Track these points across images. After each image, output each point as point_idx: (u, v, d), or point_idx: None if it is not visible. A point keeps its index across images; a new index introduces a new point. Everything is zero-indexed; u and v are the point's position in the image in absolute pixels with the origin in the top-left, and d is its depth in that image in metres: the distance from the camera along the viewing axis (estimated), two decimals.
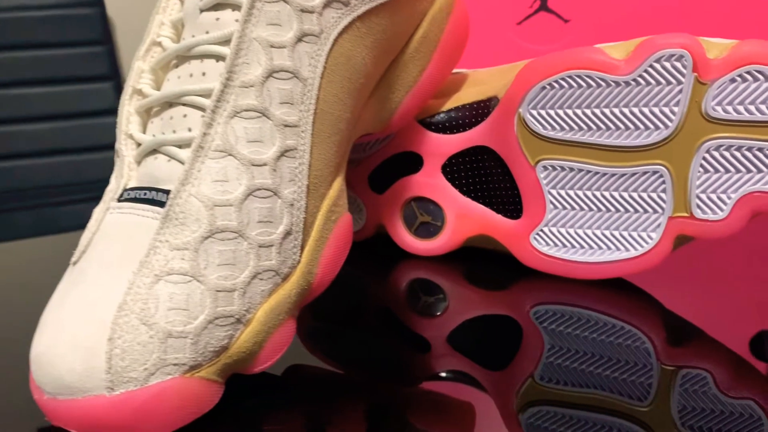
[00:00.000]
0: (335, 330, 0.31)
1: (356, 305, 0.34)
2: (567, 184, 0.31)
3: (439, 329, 0.30)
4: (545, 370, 0.27)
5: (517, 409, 0.24)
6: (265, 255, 0.23)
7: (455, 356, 0.28)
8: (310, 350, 0.29)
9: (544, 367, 0.27)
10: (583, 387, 0.25)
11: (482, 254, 0.36)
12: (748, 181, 0.28)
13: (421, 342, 0.29)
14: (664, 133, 0.28)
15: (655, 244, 0.30)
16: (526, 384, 0.26)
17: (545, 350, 0.28)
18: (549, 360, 0.27)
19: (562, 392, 0.25)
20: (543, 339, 0.29)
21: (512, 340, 0.29)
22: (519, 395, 0.25)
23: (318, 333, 0.31)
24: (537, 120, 0.31)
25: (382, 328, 0.31)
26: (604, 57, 0.28)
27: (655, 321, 0.31)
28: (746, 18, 0.48)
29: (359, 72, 0.26)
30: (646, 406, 0.24)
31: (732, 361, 0.27)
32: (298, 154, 0.24)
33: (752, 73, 0.26)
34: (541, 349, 0.28)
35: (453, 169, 0.34)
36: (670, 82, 0.28)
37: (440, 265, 0.36)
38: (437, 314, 0.32)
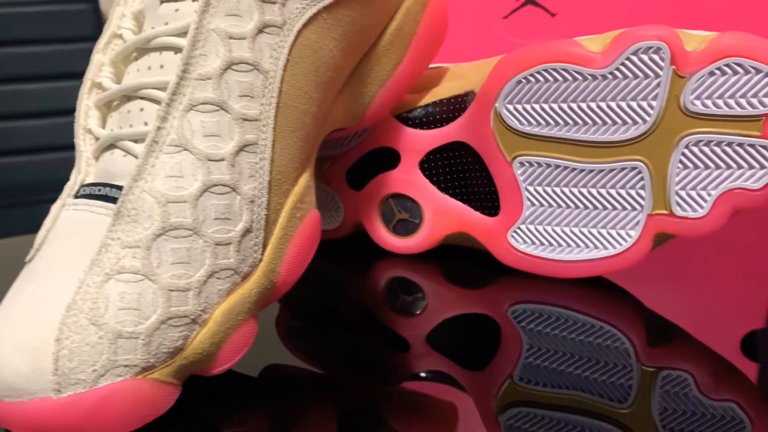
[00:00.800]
0: (314, 329, 0.31)
1: (335, 304, 0.33)
2: (544, 181, 0.30)
3: (418, 328, 0.30)
4: (524, 370, 0.26)
5: (496, 411, 0.24)
6: (223, 253, 0.22)
7: (434, 356, 0.27)
8: (288, 349, 0.29)
9: (523, 367, 0.26)
10: (562, 388, 0.25)
11: (461, 252, 0.35)
12: (728, 178, 0.27)
13: (400, 341, 0.29)
14: (642, 128, 0.27)
15: (634, 242, 0.29)
16: (505, 385, 0.25)
17: (524, 350, 0.28)
18: (528, 360, 0.27)
19: (542, 393, 0.24)
20: (521, 339, 0.28)
21: (491, 339, 0.28)
22: (498, 396, 0.25)
23: (297, 332, 0.30)
24: (513, 115, 0.30)
25: (361, 327, 0.30)
26: (581, 50, 0.27)
27: (635, 321, 0.30)
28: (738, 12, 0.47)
29: (326, 65, 0.26)
30: (627, 408, 0.23)
31: (714, 362, 0.26)
32: (259, 149, 0.23)
33: (731, 66, 0.26)
34: (520, 350, 0.28)
35: (431, 165, 0.33)
36: (647, 76, 0.27)
37: (419, 263, 0.36)
38: (416, 313, 0.31)
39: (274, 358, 0.28)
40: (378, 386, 0.26)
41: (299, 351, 0.29)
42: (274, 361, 0.28)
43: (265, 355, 0.28)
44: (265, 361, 0.28)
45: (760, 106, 0.26)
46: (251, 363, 0.26)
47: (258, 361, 0.27)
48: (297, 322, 0.31)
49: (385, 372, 0.27)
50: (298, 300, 0.35)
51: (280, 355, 0.28)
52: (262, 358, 0.28)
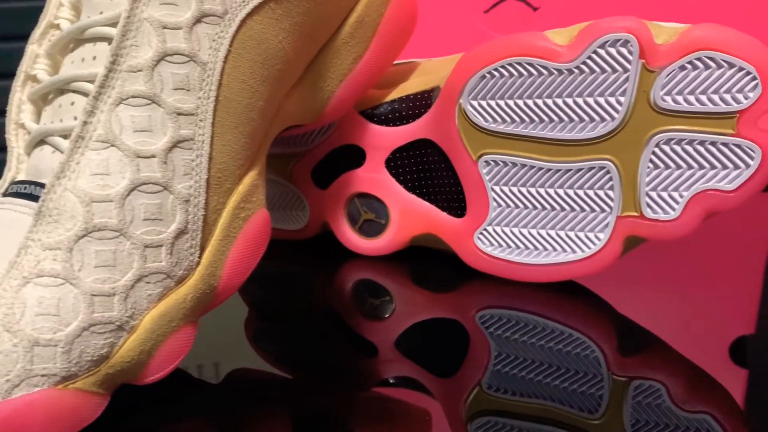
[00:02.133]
0: (281, 332, 0.30)
1: (302, 307, 0.32)
2: (510, 181, 0.29)
3: (387, 333, 0.28)
4: (493, 378, 0.25)
5: (465, 419, 0.23)
6: (153, 256, 0.21)
7: (403, 361, 0.26)
8: (257, 352, 0.28)
9: (492, 375, 0.25)
10: (532, 397, 0.24)
11: (430, 254, 0.34)
12: (701, 178, 0.25)
13: (368, 346, 0.28)
14: (611, 126, 0.26)
15: (603, 245, 0.27)
16: (474, 392, 0.24)
17: (492, 357, 0.26)
18: (496, 368, 0.26)
19: (511, 402, 0.23)
20: (490, 345, 0.27)
21: (460, 345, 0.27)
22: (467, 404, 0.24)
23: (264, 335, 0.29)
24: (478, 111, 0.28)
25: (329, 331, 0.29)
26: (546, 43, 0.26)
27: (607, 328, 0.29)
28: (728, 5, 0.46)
29: (275, 57, 0.24)
30: (598, 419, 0.22)
31: (688, 372, 0.25)
32: (196, 145, 0.22)
33: (703, 60, 0.24)
34: (488, 356, 0.26)
35: (397, 164, 0.32)
36: (615, 70, 0.25)
37: (386, 265, 0.34)
38: (384, 317, 0.30)
39: (241, 362, 0.27)
40: (346, 392, 0.25)
41: (266, 354, 0.28)
42: (241, 364, 0.27)
43: (233, 358, 0.27)
44: (233, 364, 0.27)
45: (734, 102, 0.24)
46: (218, 366, 0.26)
47: (227, 364, 0.27)
48: (264, 324, 0.30)
49: (354, 377, 0.26)
50: (264, 302, 0.34)
51: (247, 358, 0.27)
52: (230, 361, 0.27)
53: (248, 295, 0.33)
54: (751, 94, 0.24)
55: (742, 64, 0.24)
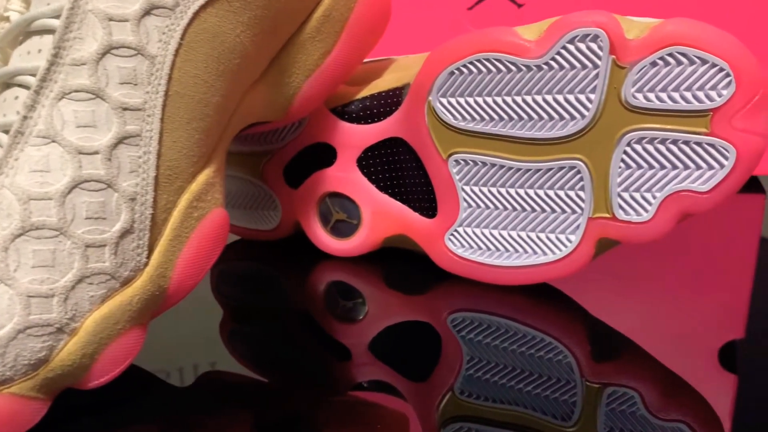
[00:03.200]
0: (255, 334, 0.29)
1: (276, 309, 0.31)
2: (480, 181, 0.28)
3: (360, 336, 0.28)
4: (465, 383, 0.24)
5: (438, 425, 0.22)
6: (96, 256, 0.20)
7: (377, 365, 0.26)
8: (231, 353, 0.27)
9: (464, 380, 0.24)
10: (504, 403, 0.23)
11: (402, 255, 0.33)
12: (675, 179, 0.24)
13: (341, 349, 0.27)
14: (581, 124, 0.25)
15: (575, 247, 0.26)
16: (447, 398, 0.24)
17: (464, 362, 0.26)
18: (469, 373, 0.25)
19: (484, 408, 0.23)
20: (462, 349, 0.26)
21: (432, 349, 0.27)
22: (440, 410, 0.23)
23: (237, 336, 0.29)
24: (447, 109, 0.28)
25: (303, 334, 0.29)
26: (515, 38, 0.25)
27: (580, 332, 0.28)
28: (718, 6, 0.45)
29: (232, 52, 0.24)
30: (572, 427, 0.22)
31: (662, 378, 0.24)
32: (143, 141, 0.21)
33: (674, 56, 0.23)
34: (461, 361, 0.26)
35: (369, 163, 0.31)
36: (585, 66, 0.24)
37: (359, 266, 0.33)
38: (357, 320, 0.29)
39: (215, 365, 0.26)
40: (321, 395, 0.24)
41: (239, 356, 0.27)
42: (216, 366, 0.26)
43: (205, 361, 0.27)
44: (205, 366, 0.26)
45: (707, 100, 0.23)
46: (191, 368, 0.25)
47: (200, 366, 0.26)
48: (238, 325, 0.30)
49: (328, 381, 0.25)
50: (238, 304, 0.33)
51: (220, 361, 0.27)
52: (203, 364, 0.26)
53: (222, 297, 0.33)
54: (725, 91, 0.23)
55: (715, 60, 0.23)
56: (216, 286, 0.34)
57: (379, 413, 0.24)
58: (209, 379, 0.25)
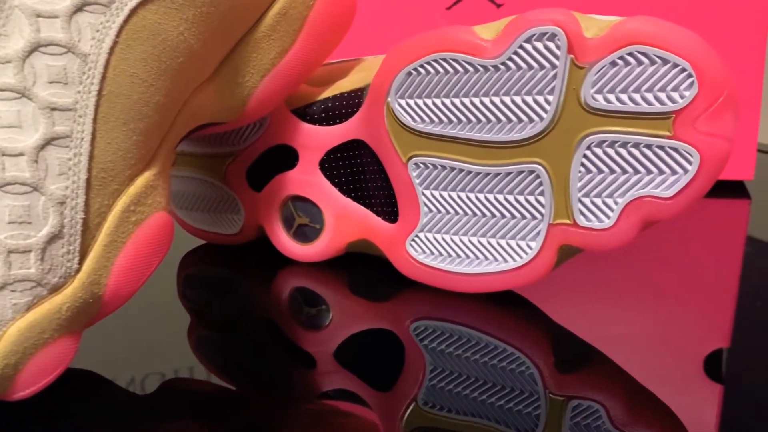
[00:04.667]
0: (218, 341, 0.28)
1: (240, 316, 0.30)
2: (440, 185, 0.27)
3: (324, 344, 0.27)
4: (428, 393, 0.23)
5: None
6: (20, 262, 0.19)
7: (342, 374, 0.25)
8: (197, 361, 0.26)
9: (427, 390, 0.24)
10: (467, 415, 0.22)
11: (368, 261, 0.32)
12: (637, 184, 0.23)
13: (306, 357, 0.26)
14: (539, 127, 0.24)
15: (536, 254, 0.25)
16: (411, 409, 0.23)
17: (427, 372, 0.25)
18: (432, 383, 0.24)
19: (447, 420, 0.22)
20: (425, 359, 0.26)
21: (396, 358, 0.26)
22: (404, 421, 0.22)
23: (203, 343, 0.28)
24: (405, 110, 0.27)
25: (267, 341, 0.28)
26: (472, 37, 0.24)
27: (545, 342, 0.27)
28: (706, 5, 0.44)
29: (175, 50, 0.23)
30: None
31: (629, 391, 0.23)
32: (73, 142, 0.20)
33: (635, 56, 0.22)
34: (424, 371, 0.25)
35: (332, 166, 0.30)
36: (543, 66, 0.23)
37: (323, 272, 0.32)
38: (321, 327, 0.29)
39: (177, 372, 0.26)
40: (286, 404, 0.23)
41: (204, 364, 0.26)
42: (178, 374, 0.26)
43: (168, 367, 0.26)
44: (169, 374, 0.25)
45: (669, 101, 0.22)
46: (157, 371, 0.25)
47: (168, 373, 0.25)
48: (202, 332, 0.29)
49: (293, 389, 0.24)
50: (201, 309, 0.32)
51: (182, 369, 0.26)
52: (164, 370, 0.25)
53: (188, 302, 0.32)
54: (687, 92, 0.22)
55: (677, 59, 0.22)
56: (182, 291, 0.33)
57: (345, 423, 0.23)
58: (172, 387, 0.24)
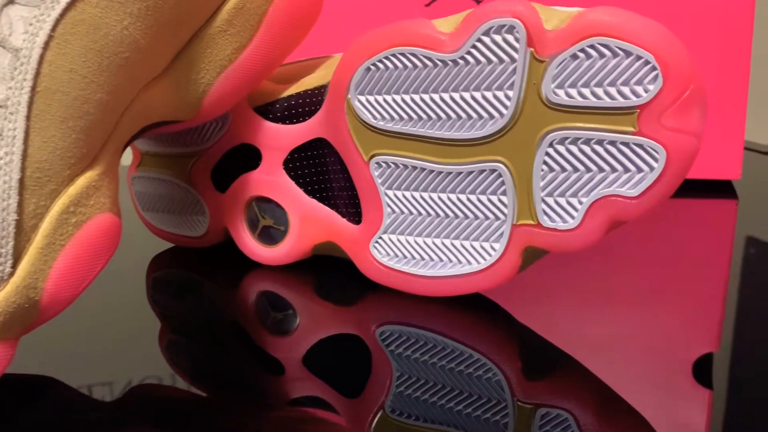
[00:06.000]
0: (187, 346, 0.28)
1: (208, 321, 0.30)
2: (402, 184, 0.26)
3: (292, 349, 0.26)
4: (396, 401, 0.22)
5: None
6: None
7: (310, 380, 0.24)
8: (170, 366, 0.26)
9: (395, 397, 0.23)
10: (435, 423, 0.21)
11: (335, 263, 0.31)
12: (601, 182, 0.22)
13: (274, 363, 0.25)
14: (500, 123, 0.23)
15: (499, 256, 0.24)
16: (378, 416, 0.22)
17: (394, 378, 0.24)
18: (399, 390, 0.23)
19: (415, 428, 0.21)
20: (391, 365, 0.25)
21: (364, 364, 0.25)
22: (372, 429, 0.21)
23: (170, 349, 0.27)
24: (366, 107, 0.26)
25: (235, 347, 0.27)
26: (430, 31, 0.23)
27: (512, 348, 0.26)
28: None
29: (119, 45, 0.22)
30: None
31: (600, 398, 0.22)
32: (4, 141, 0.19)
33: (596, 48, 0.21)
34: (390, 377, 0.24)
35: (296, 165, 0.29)
36: (502, 60, 0.22)
37: (290, 275, 0.32)
38: (288, 332, 0.28)
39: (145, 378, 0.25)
40: (254, 411, 0.23)
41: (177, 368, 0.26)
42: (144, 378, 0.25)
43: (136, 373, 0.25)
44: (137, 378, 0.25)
45: (633, 96, 0.21)
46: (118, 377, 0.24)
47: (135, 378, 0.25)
48: (173, 337, 0.28)
49: (261, 395, 0.24)
50: (168, 314, 0.31)
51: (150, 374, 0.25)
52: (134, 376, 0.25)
53: (156, 306, 0.31)
54: (651, 86, 0.21)
55: (640, 51, 0.21)
56: (152, 295, 0.32)
57: (315, 431, 0.22)
58: (139, 393, 0.24)
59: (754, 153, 0.52)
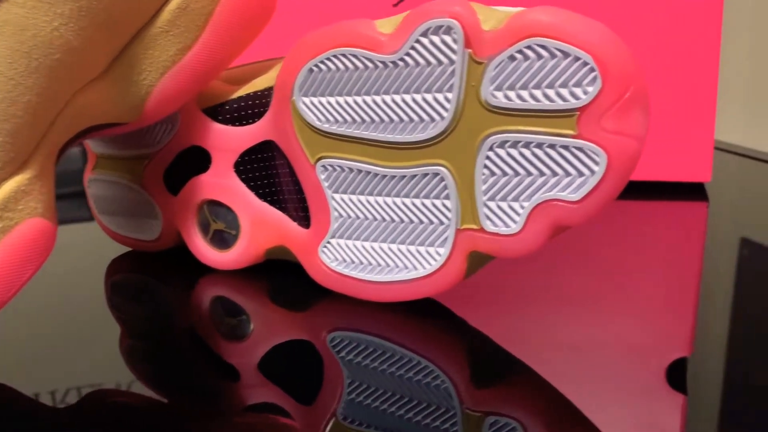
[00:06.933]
0: (143, 352, 0.27)
1: (164, 326, 0.29)
2: (348, 188, 0.25)
3: (246, 355, 0.26)
4: (347, 408, 0.22)
5: None
6: None
7: (265, 386, 0.24)
8: (130, 371, 0.25)
9: (346, 404, 0.22)
10: (386, 431, 0.21)
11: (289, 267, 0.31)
12: (542, 186, 0.22)
13: (229, 369, 0.25)
14: (441, 126, 0.23)
15: (444, 261, 0.24)
16: (331, 424, 0.22)
17: (345, 385, 0.23)
18: (350, 397, 0.23)
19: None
20: (342, 371, 0.24)
21: (317, 371, 0.24)
22: None
23: (127, 355, 0.27)
24: (310, 109, 0.25)
25: (189, 353, 0.27)
26: (370, 32, 0.23)
27: (461, 354, 0.26)
28: None
29: (49, 46, 0.21)
30: None
31: (550, 405, 0.22)
32: None
33: (534, 49, 0.21)
34: (342, 384, 0.23)
35: (246, 168, 0.29)
36: (441, 62, 0.22)
37: (244, 280, 0.31)
38: (242, 338, 0.27)
39: (98, 383, 0.24)
40: (211, 417, 0.22)
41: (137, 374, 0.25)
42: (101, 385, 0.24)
43: (87, 379, 0.25)
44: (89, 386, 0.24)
45: (572, 98, 0.21)
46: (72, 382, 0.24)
47: (86, 385, 0.24)
48: (128, 343, 0.28)
49: (216, 402, 0.23)
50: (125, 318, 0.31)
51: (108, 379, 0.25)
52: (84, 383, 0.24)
53: (115, 310, 0.31)
54: (590, 88, 0.20)
55: (578, 52, 0.20)
56: (111, 300, 0.32)
57: None
58: (93, 400, 0.23)
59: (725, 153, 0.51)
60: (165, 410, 0.23)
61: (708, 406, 0.22)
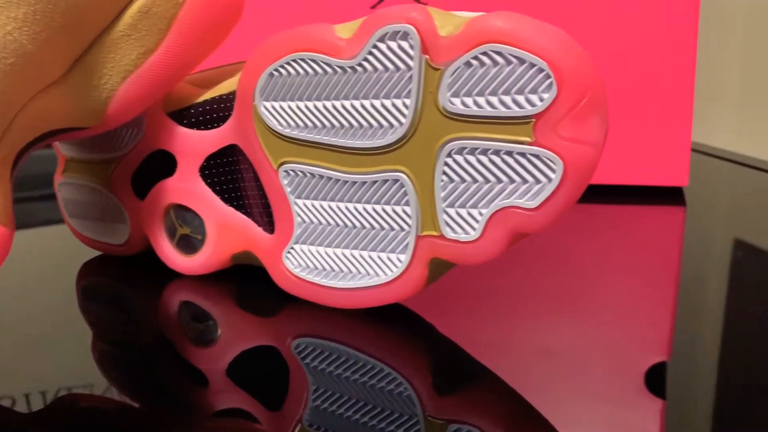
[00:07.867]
0: (113, 357, 0.27)
1: (132, 331, 0.29)
2: (311, 194, 0.25)
3: (214, 360, 0.26)
4: (312, 415, 0.22)
5: None
6: None
7: (234, 392, 0.24)
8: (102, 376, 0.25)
9: (311, 411, 0.22)
10: None
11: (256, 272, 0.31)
12: (501, 194, 0.22)
13: (197, 374, 0.25)
14: (399, 132, 0.22)
15: (405, 268, 0.24)
16: (297, 430, 0.21)
17: (310, 391, 0.23)
18: (315, 403, 0.23)
19: None
20: (307, 378, 0.24)
21: (284, 377, 0.24)
22: None
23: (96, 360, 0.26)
24: (272, 114, 0.25)
25: (158, 358, 0.27)
26: (329, 36, 0.23)
27: (425, 361, 0.26)
28: None
29: (3, 51, 0.21)
30: None
31: (513, 411, 0.22)
32: None
33: (489, 55, 0.21)
34: (307, 390, 0.23)
35: (212, 172, 0.29)
36: (398, 68, 0.22)
37: (211, 285, 0.31)
38: (210, 343, 0.27)
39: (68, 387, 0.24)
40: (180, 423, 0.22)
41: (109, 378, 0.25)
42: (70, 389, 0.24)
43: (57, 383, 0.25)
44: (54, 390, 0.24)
45: (528, 105, 0.21)
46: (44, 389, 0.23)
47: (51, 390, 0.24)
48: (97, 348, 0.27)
49: (186, 408, 0.23)
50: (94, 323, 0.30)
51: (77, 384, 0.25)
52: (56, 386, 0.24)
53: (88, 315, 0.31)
54: (546, 95, 0.20)
55: (533, 59, 0.20)
56: (82, 304, 0.32)
57: None
58: (61, 405, 0.23)
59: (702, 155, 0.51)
60: (133, 415, 0.23)
61: (687, 411, 0.22)
